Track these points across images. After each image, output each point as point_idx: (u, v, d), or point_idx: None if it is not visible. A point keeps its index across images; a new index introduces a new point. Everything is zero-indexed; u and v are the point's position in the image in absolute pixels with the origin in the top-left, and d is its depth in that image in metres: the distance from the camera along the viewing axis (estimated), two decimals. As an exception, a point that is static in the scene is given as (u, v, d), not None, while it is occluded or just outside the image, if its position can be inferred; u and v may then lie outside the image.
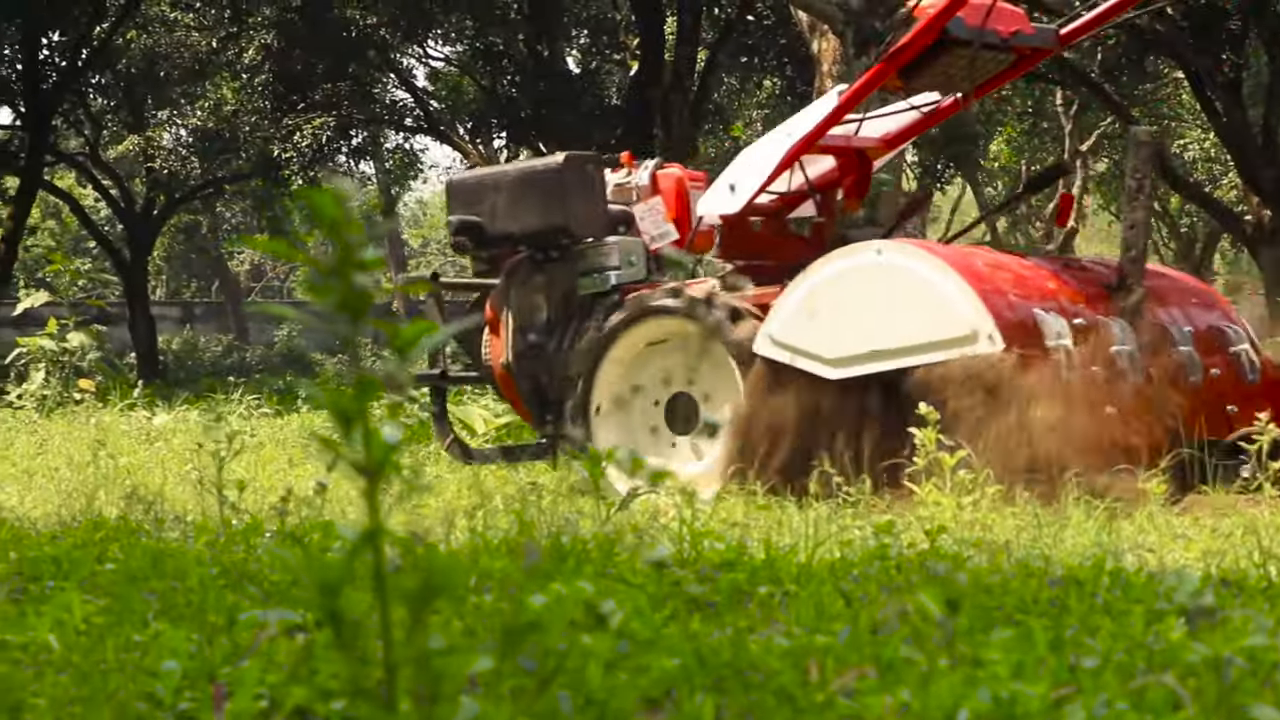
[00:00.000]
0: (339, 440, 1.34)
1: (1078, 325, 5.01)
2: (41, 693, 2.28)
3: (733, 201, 5.80)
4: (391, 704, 1.34)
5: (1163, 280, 5.71)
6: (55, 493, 5.86)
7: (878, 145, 6.07)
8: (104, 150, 29.95)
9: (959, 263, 4.96)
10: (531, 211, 5.90)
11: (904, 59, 5.39)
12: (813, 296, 5.17)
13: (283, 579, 3.05)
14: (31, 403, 9.90)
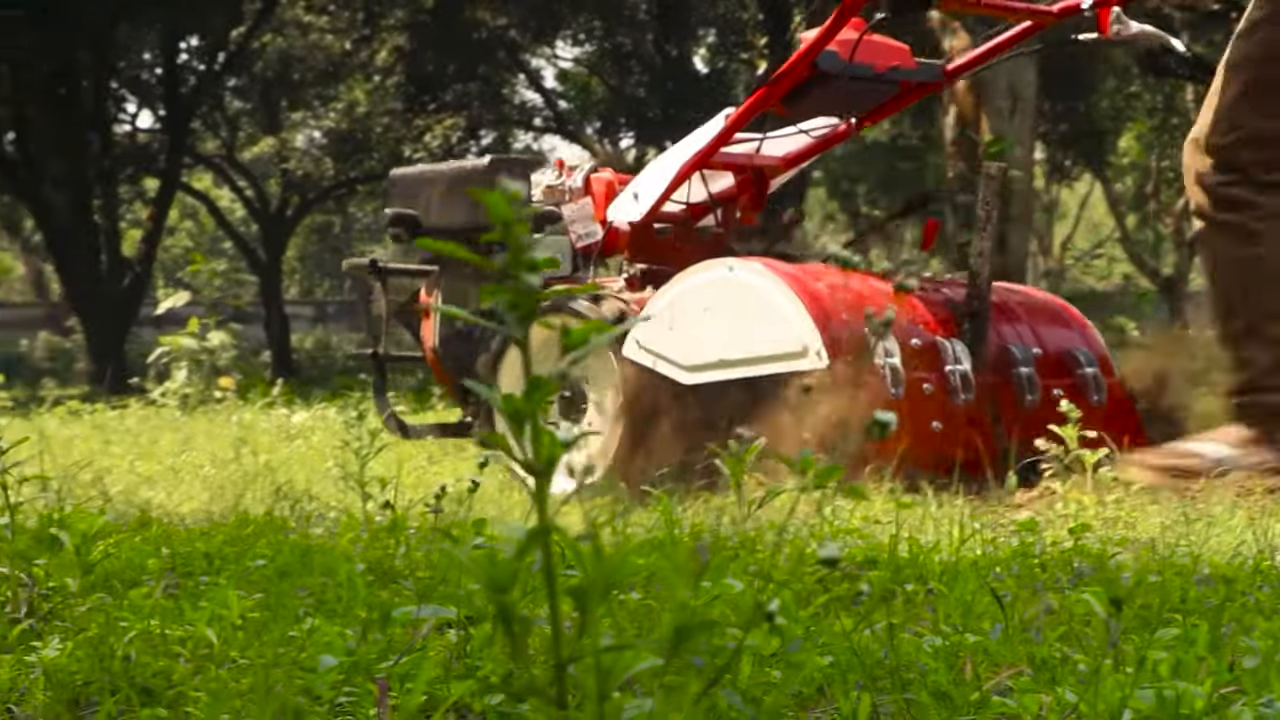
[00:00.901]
0: (508, 439, 1.36)
1: (913, 345, 5.31)
2: (202, 687, 2.32)
3: (636, 209, 6.13)
4: (561, 701, 1.35)
5: (1021, 303, 5.98)
6: (201, 489, 5.96)
7: (777, 164, 6.40)
8: (240, 152, 30.38)
9: (800, 283, 5.26)
10: (459, 208, 6.28)
11: (782, 88, 5.73)
12: (672, 307, 5.51)
13: (432, 575, 3.08)
14: (174, 400, 10.07)
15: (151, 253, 24.44)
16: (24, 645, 2.54)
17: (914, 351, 5.32)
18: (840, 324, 5.23)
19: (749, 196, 6.37)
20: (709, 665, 1.39)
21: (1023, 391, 5.54)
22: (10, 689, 2.34)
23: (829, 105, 6.04)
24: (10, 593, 2.76)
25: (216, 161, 29.76)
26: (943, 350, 5.39)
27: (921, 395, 5.25)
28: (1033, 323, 5.85)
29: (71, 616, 2.74)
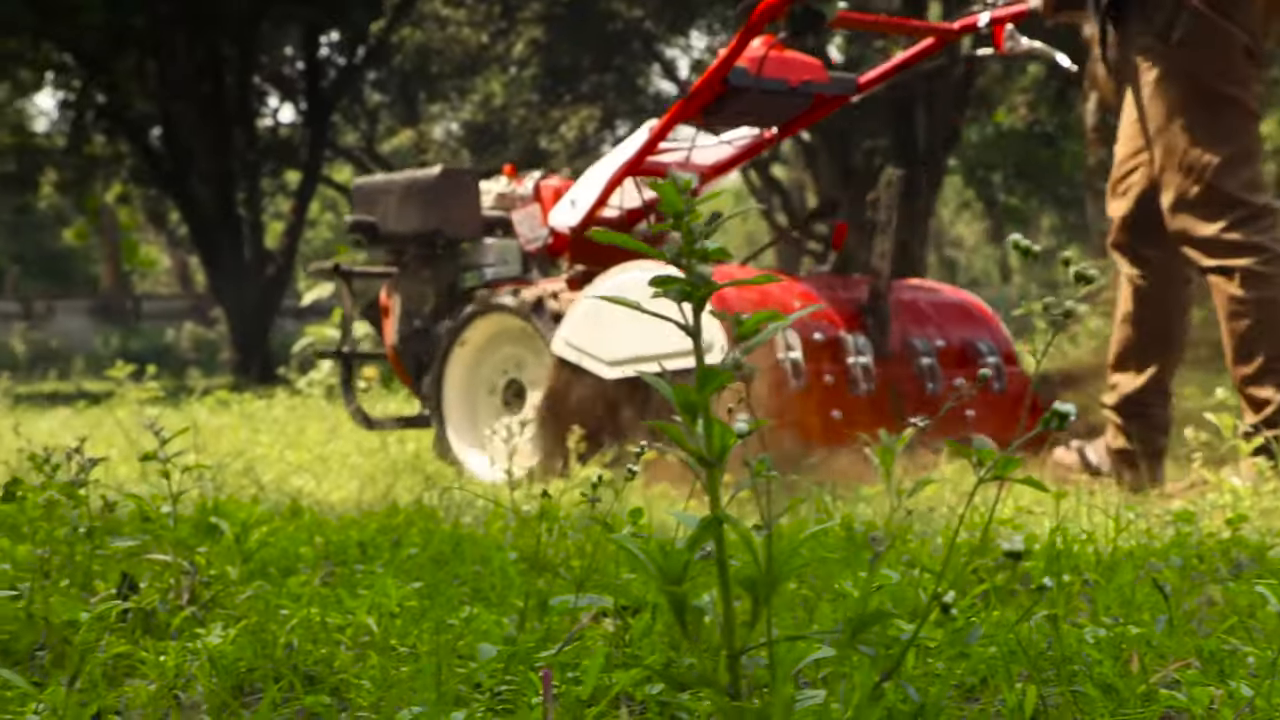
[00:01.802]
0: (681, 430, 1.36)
1: (816, 340, 5.69)
2: (363, 674, 2.34)
3: (573, 215, 6.53)
4: (734, 691, 1.35)
5: (928, 299, 6.32)
6: (349, 478, 6.03)
7: (705, 171, 6.77)
8: (379, 144, 30.66)
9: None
10: (413, 215, 6.70)
11: (698, 102, 6.05)
12: (595, 307, 5.88)
13: (584, 564, 3.09)
14: (319, 391, 10.18)
15: (293, 245, 24.74)
16: (187, 632, 2.57)
17: (817, 346, 5.68)
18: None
19: None
20: (881, 656, 1.38)
21: (924, 381, 5.91)
22: (176, 675, 2.38)
23: (744, 117, 6.38)
24: (173, 580, 2.81)
25: (356, 154, 30.06)
26: (845, 344, 5.75)
27: (823, 386, 5.62)
28: (939, 317, 6.19)
29: (232, 604, 2.78)
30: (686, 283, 1.35)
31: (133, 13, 21.34)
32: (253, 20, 22.90)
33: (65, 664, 2.47)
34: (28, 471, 3.62)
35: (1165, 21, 5.11)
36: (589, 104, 26.05)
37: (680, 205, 1.33)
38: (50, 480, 2.77)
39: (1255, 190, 5.06)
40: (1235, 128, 5.11)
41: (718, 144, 6.71)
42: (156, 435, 2.75)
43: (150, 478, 5.50)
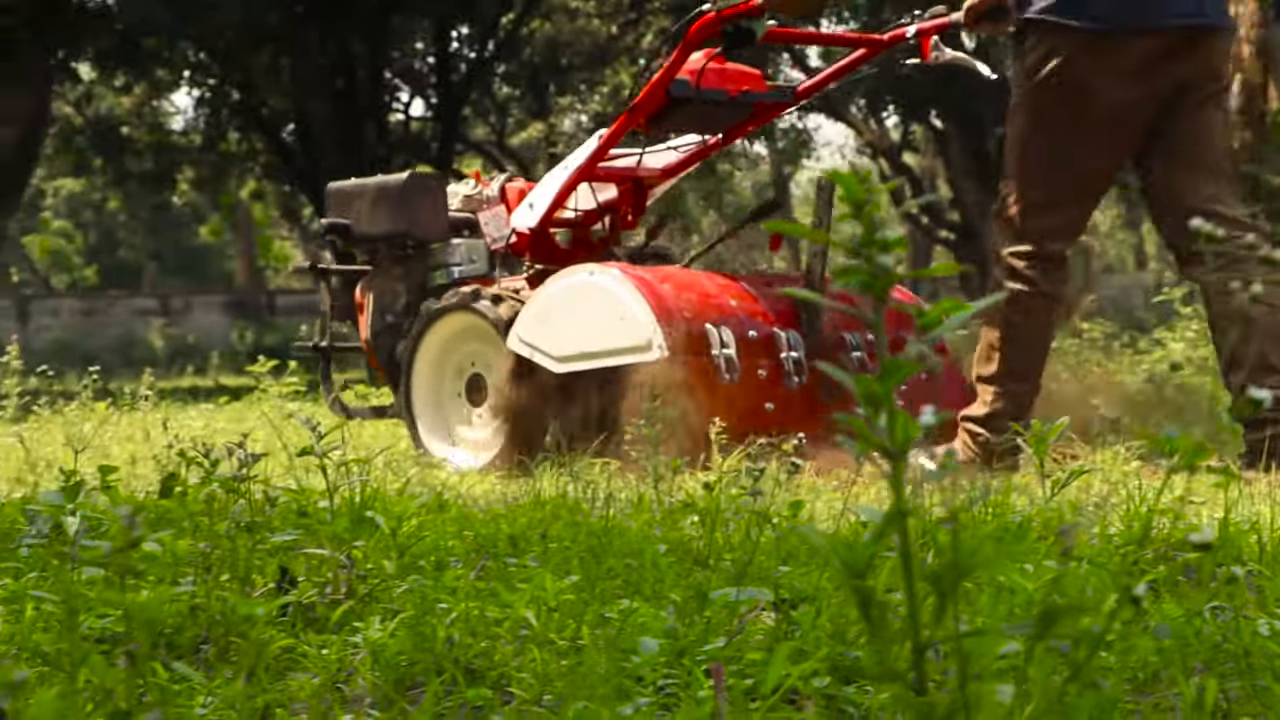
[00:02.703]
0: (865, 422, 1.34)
1: (751, 337, 6.01)
2: (524, 668, 2.35)
3: (531, 217, 6.91)
4: (921, 687, 1.33)
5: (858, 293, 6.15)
6: (491, 471, 6.05)
7: (656, 175, 7.11)
8: (509, 137, 30.82)
9: (648, 284, 6.02)
10: (382, 218, 7.09)
11: (643, 112, 6.45)
12: (545, 305, 6.23)
13: (737, 557, 3.07)
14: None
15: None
16: (347, 626, 2.59)
17: (751, 342, 6.03)
18: (680, 320, 5.92)
19: (628, 206, 7.12)
20: (1075, 651, 1.35)
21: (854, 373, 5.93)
22: (338, 669, 2.39)
23: (688, 125, 6.80)
24: (331, 574, 2.82)
25: (487, 147, 30.24)
26: (777, 340, 6.08)
27: (756, 380, 5.96)
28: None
29: (389, 598, 2.79)
30: (867, 273, 1.33)
31: (267, 11, 21.58)
32: (384, 15, 23.09)
33: (229, 657, 2.50)
34: (178, 466, 3.66)
35: (1036, 61, 5.42)
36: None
37: (861, 194, 1.32)
38: (210, 475, 2.80)
39: (1053, 238, 5.52)
40: (1058, 178, 5.48)
41: (666, 149, 7.10)
42: (313, 431, 2.77)
43: (296, 471, 5.56)
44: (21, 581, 2.87)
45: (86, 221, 49.58)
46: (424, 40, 26.26)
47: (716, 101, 6.50)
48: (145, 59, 24.05)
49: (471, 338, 6.73)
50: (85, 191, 44.59)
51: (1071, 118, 5.39)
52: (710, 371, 5.86)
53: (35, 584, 2.78)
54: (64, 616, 2.22)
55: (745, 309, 6.14)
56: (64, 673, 1.88)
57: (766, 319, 6.16)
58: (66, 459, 6.27)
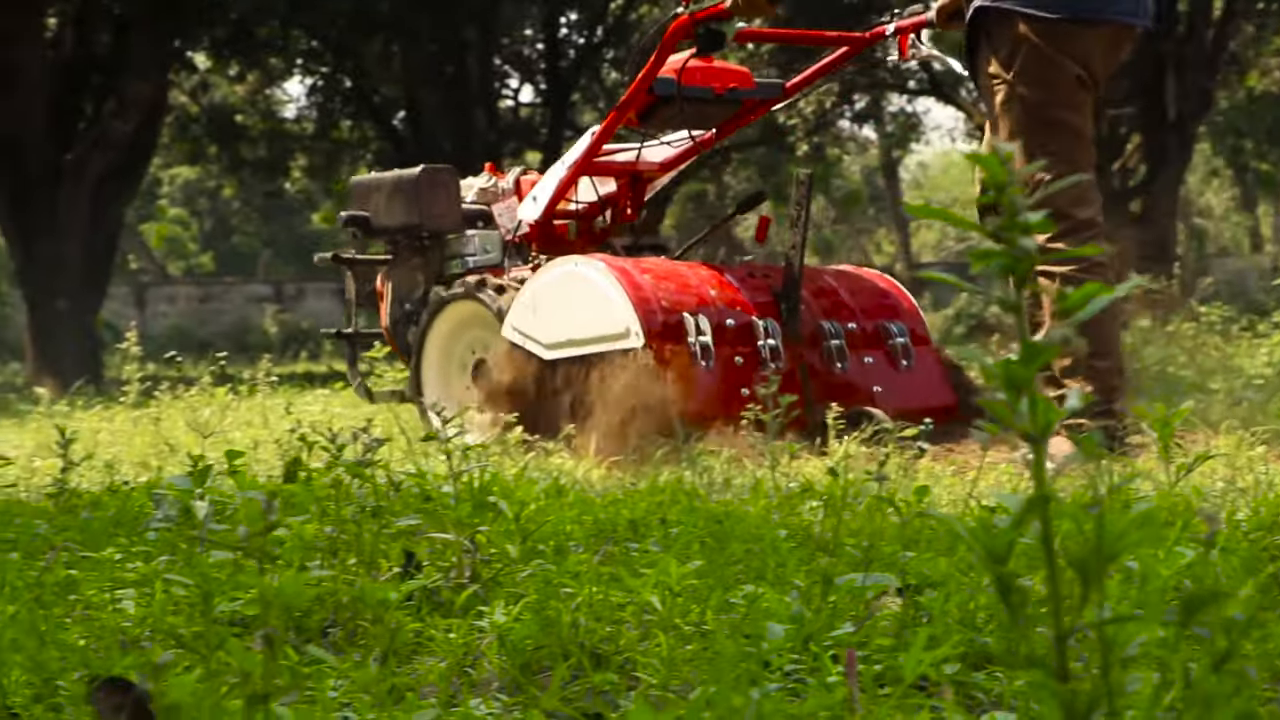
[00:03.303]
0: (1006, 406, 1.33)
1: (729, 325, 6.24)
2: (649, 653, 2.35)
3: (535, 210, 7.21)
4: (1063, 674, 1.32)
5: (845, 284, 6.89)
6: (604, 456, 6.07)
7: (654, 168, 7.39)
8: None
9: (627, 275, 6.27)
10: (398, 210, 7.39)
11: (631, 110, 6.76)
12: (535, 295, 6.47)
13: (858, 541, 3.06)
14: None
15: (535, 224, 24.98)
16: (473, 610, 2.60)
17: (729, 330, 6.26)
18: (658, 309, 6.16)
19: (627, 198, 7.38)
20: (1218, 638, 1.33)
21: (833, 362, 6.45)
22: (465, 652, 2.40)
23: (678, 122, 7.05)
24: (454, 558, 2.84)
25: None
26: (755, 328, 6.31)
27: (733, 367, 6.18)
28: (853, 301, 6.75)
29: (512, 582, 2.80)
30: (1007, 256, 1.32)
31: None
32: (494, 2, 23.17)
33: (357, 641, 2.52)
34: (300, 451, 3.69)
35: (1007, 55, 5.68)
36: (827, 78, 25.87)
37: (1003, 176, 1.30)
38: (336, 460, 2.82)
39: (1080, 205, 5.59)
40: (1064, 148, 5.62)
41: (661, 144, 7.39)
42: (439, 415, 2.78)
43: (415, 456, 5.60)
44: (151, 564, 2.91)
45: (202, 209, 50.16)
46: (533, 26, 26.35)
47: (702, 99, 6.78)
48: (259, 48, 24.29)
49: (476, 325, 6.98)
50: (200, 179, 45.05)
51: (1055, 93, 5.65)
52: (687, 358, 6.09)
53: (166, 568, 2.81)
54: (198, 600, 2.25)
55: (724, 298, 6.38)
56: (199, 655, 1.90)
57: (745, 308, 6.39)
58: (190, 443, 6.35)
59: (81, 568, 2.99)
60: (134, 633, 2.48)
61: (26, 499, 4.35)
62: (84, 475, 4.99)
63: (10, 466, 3.25)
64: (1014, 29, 5.66)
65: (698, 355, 6.11)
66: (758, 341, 6.29)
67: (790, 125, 26.35)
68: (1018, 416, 1.33)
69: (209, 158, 30.30)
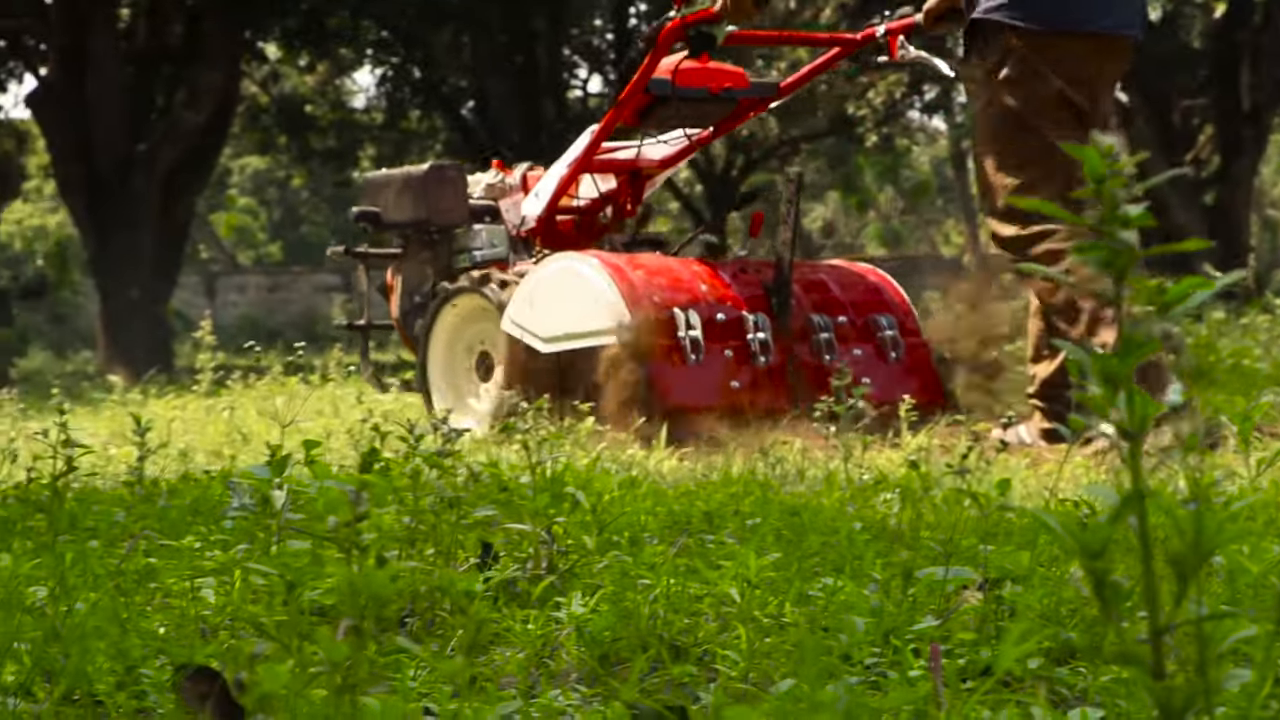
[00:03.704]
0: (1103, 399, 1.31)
1: (719, 320, 6.42)
2: (728, 645, 2.34)
3: (538, 205, 7.37)
4: (1159, 671, 1.30)
5: (836, 278, 7.07)
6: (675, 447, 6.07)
7: (654, 165, 7.55)
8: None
9: (620, 271, 6.46)
10: (406, 206, 7.63)
11: (628, 109, 6.92)
12: (533, 290, 6.68)
13: (935, 535, 3.04)
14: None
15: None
16: (550, 601, 2.59)
17: (719, 324, 6.43)
18: (649, 304, 6.33)
19: (626, 195, 7.56)
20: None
21: (822, 354, 6.62)
22: (543, 643, 2.40)
23: (674, 120, 7.20)
24: (531, 549, 2.84)
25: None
26: (745, 322, 6.48)
27: (722, 360, 6.36)
28: (844, 295, 6.92)
29: (589, 573, 2.80)
30: (1107, 249, 1.30)
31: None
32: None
33: (435, 631, 2.52)
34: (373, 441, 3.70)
35: (996, 59, 5.86)
36: (897, 69, 25.75)
37: (1103, 169, 1.29)
38: (414, 451, 2.83)
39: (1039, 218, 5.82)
40: (1037, 156, 5.83)
41: (659, 143, 7.54)
42: (514, 407, 2.78)
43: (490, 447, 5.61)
44: (229, 553, 2.92)
45: (271, 199, 50.44)
46: (602, 16, 26.35)
47: (698, 98, 6.97)
48: (329, 38, 24.38)
49: (481, 318, 7.19)
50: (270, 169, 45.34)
51: (1033, 106, 5.86)
52: (676, 352, 6.29)
53: (244, 556, 2.82)
54: (279, 589, 2.25)
55: (715, 293, 6.58)
56: (282, 645, 1.90)
57: (736, 302, 6.58)
58: (262, 432, 6.38)
59: (160, 556, 3.01)
60: (214, 621, 2.49)
61: (103, 487, 4.38)
62: (159, 463, 5.03)
63: (89, 454, 3.27)
64: (1004, 39, 5.84)
65: (687, 349, 6.30)
66: (747, 335, 6.46)
67: (860, 116, 26.26)
68: (1114, 411, 1.32)
69: (279, 148, 30.48)
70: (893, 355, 6.80)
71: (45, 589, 2.51)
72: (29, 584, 2.53)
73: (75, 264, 32.23)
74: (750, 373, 6.43)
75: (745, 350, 6.44)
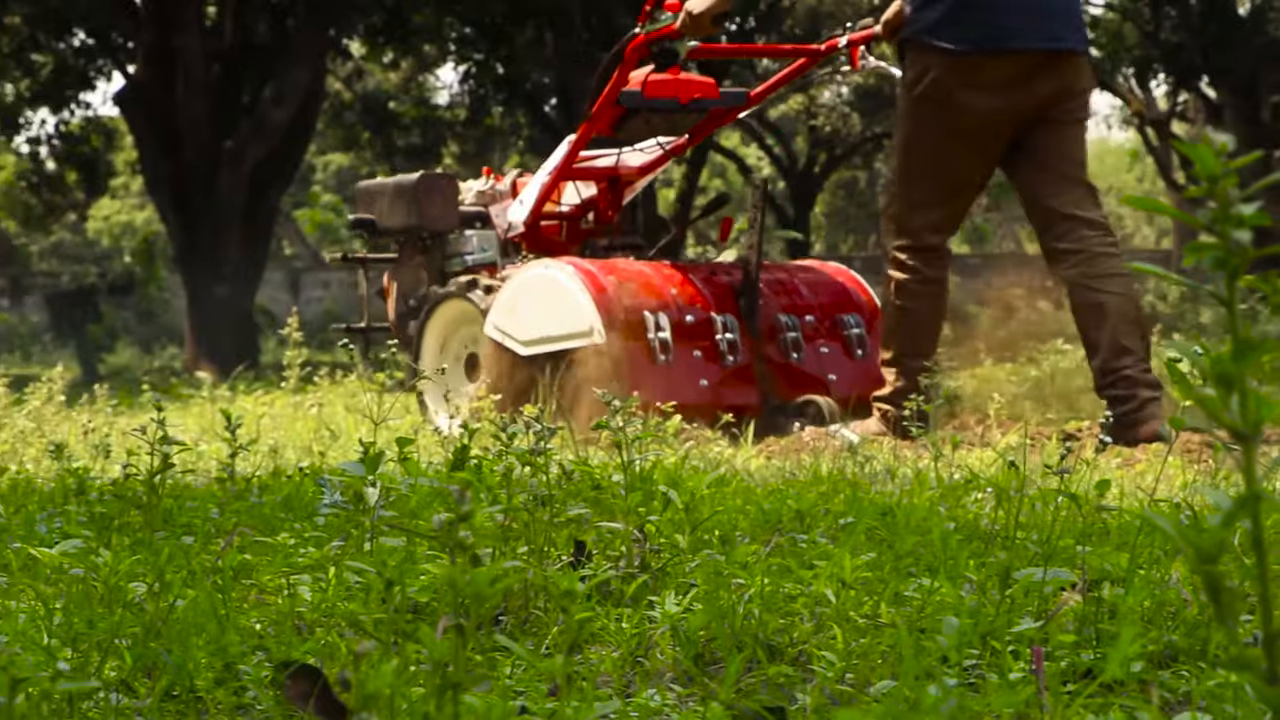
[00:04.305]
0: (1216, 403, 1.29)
1: (688, 321, 6.73)
2: (824, 645, 2.33)
3: (523, 211, 7.73)
4: (1273, 676, 1.28)
5: (804, 279, 7.41)
6: (761, 447, 6.06)
7: (633, 172, 7.82)
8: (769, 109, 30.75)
9: (593, 277, 6.73)
10: (399, 213, 7.96)
11: (602, 118, 7.19)
12: (513, 295, 6.97)
13: (1027, 536, 3.02)
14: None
15: (686, 211, 25.01)
16: (643, 600, 2.59)
17: (688, 326, 6.73)
18: (619, 309, 6.61)
19: (606, 201, 7.88)
20: None
21: (788, 352, 6.94)
22: (637, 642, 2.39)
23: (647, 130, 7.48)
24: (623, 548, 2.84)
25: (747, 120, 30.17)
26: (713, 323, 6.77)
27: (690, 360, 6.66)
28: (812, 295, 7.25)
29: (681, 572, 2.79)
30: (1222, 249, 1.28)
31: (532, -15, 21.83)
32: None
33: (528, 629, 2.52)
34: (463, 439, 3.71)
35: (914, 77, 6.18)
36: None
37: (1217, 168, 1.27)
38: (507, 448, 2.83)
39: (933, 232, 6.31)
40: (933, 180, 6.25)
41: (637, 151, 7.85)
42: (608, 405, 2.78)
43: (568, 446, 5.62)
44: (323, 550, 2.94)
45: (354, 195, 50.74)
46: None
47: (668, 109, 7.21)
48: (413, 35, 24.49)
49: (468, 322, 7.49)
50: (354, 166, 45.58)
51: (944, 127, 6.15)
52: (647, 353, 6.58)
53: (339, 553, 2.84)
54: (376, 586, 2.26)
55: (684, 296, 6.86)
56: (380, 642, 1.91)
57: (705, 305, 6.86)
58: (350, 428, 6.42)
59: (254, 552, 3.03)
60: (310, 617, 2.51)
61: (195, 483, 4.42)
62: (250, 460, 5.07)
63: (185, 451, 3.30)
64: (927, 57, 6.14)
65: (656, 350, 6.59)
66: (715, 336, 6.75)
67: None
68: (1228, 413, 1.30)
69: (362, 145, 30.64)
70: (859, 352, 7.12)
71: (144, 585, 2.53)
72: (128, 580, 2.54)
73: (162, 260, 32.52)
74: (718, 372, 6.71)
75: (714, 350, 6.73)
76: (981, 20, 6.07)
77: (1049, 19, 6.16)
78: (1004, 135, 6.22)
